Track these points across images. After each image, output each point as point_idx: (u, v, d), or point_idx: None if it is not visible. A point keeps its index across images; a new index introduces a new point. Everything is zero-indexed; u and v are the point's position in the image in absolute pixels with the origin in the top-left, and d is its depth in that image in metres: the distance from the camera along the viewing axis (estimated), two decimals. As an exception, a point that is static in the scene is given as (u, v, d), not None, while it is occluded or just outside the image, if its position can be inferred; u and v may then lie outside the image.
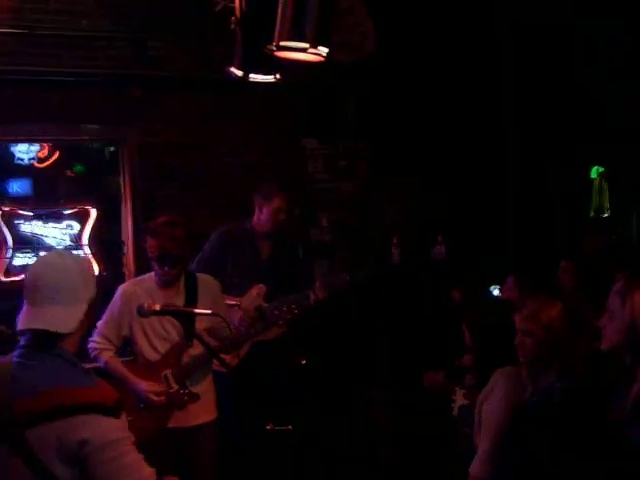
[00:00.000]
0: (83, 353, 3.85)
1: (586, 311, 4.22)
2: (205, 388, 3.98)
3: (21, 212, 5.93)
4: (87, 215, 6.04)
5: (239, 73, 3.78)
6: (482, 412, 3.31)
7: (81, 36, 5.57)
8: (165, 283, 3.90)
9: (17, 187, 6.75)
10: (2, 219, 5.85)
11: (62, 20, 5.49)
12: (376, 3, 4.37)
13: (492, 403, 3.26)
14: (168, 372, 3.85)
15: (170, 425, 3.86)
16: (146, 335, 3.89)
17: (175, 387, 3.85)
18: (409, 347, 5.25)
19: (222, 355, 3.73)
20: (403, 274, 5.90)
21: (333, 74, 5.69)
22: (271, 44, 3.23)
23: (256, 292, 4.52)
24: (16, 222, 5.89)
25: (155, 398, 3.75)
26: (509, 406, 3.15)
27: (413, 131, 6.07)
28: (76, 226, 6.03)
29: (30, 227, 5.94)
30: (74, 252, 5.69)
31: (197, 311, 3.26)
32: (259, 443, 4.41)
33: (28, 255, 5.86)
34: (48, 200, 6.37)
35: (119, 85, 5.72)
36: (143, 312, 3.15)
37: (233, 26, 3.71)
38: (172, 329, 3.87)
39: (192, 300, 3.89)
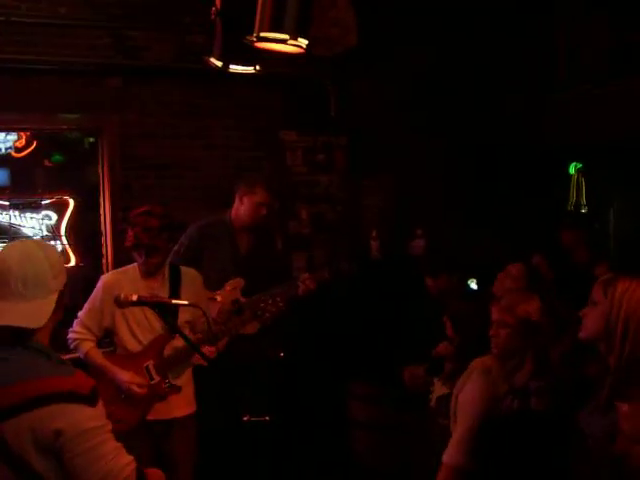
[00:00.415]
0: (63, 343, 3.88)
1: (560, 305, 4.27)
2: (185, 381, 3.98)
3: (-3, 202, 5.89)
4: (65, 205, 6.00)
5: (219, 64, 3.78)
6: (457, 402, 3.34)
7: (60, 24, 5.51)
8: (147, 273, 3.91)
9: (-6, 176, 6.70)
10: (-22, 208, 5.81)
11: (40, 7, 5.44)
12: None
13: (467, 393, 3.28)
14: (150, 363, 3.85)
15: (149, 417, 3.87)
16: (129, 326, 3.89)
17: (157, 379, 3.84)
18: (387, 340, 5.27)
19: (201, 347, 3.77)
20: (382, 267, 5.92)
21: (314, 66, 5.69)
22: (251, 35, 3.23)
23: (233, 286, 4.53)
24: (-7, 212, 5.85)
25: (137, 389, 3.75)
26: (483, 396, 3.18)
27: (393, 124, 6.08)
28: (54, 216, 5.98)
29: (7, 217, 5.90)
30: (49, 242, 5.67)
31: (174, 302, 3.26)
32: (236, 434, 4.42)
33: (4, 245, 5.81)
34: (26, 190, 6.32)
35: (98, 74, 5.69)
36: (120, 302, 3.15)
37: (213, 17, 3.70)
38: (155, 320, 3.86)
39: (175, 291, 3.91)
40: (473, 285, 5.65)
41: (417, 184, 6.17)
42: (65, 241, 5.97)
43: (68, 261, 5.94)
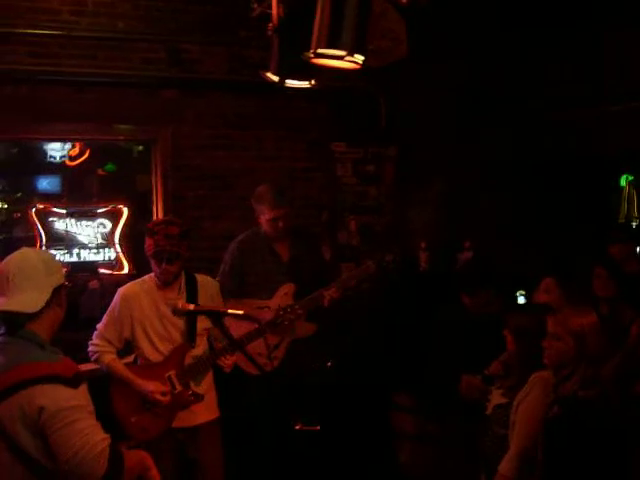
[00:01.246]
0: (84, 355, 3.98)
1: (627, 316, 4.24)
2: (207, 387, 4.02)
3: (55, 210, 6.03)
4: (120, 214, 6.14)
5: (275, 79, 3.83)
6: (517, 413, 3.35)
7: (117, 38, 5.66)
8: (164, 282, 3.95)
9: (48, 184, 6.88)
10: (36, 216, 5.96)
11: (100, 22, 5.59)
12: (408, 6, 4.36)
13: (526, 405, 3.30)
14: (172, 373, 3.90)
15: (174, 425, 3.91)
16: (148, 336, 3.93)
17: (179, 388, 3.89)
18: (432, 351, 5.27)
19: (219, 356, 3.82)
20: (430, 279, 5.92)
21: (364, 78, 5.72)
22: (308, 51, 3.27)
23: (284, 291, 4.57)
24: (50, 219, 6.00)
25: (161, 398, 3.80)
26: (542, 410, 3.19)
27: (442, 135, 6.08)
28: (108, 224, 6.13)
29: (64, 225, 6.05)
30: (104, 249, 5.78)
31: (230, 311, 3.29)
32: (287, 442, 4.45)
33: (61, 252, 5.97)
34: (79, 198, 6.48)
35: (153, 86, 5.80)
36: (177, 311, 3.21)
37: (270, 33, 3.76)
38: (174, 330, 3.92)
39: (192, 300, 3.92)
40: (521, 298, 5.62)
41: (467, 195, 6.15)
42: (119, 249, 6.10)
43: (121, 268, 6.08)
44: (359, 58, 3.24)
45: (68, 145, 6.77)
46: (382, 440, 5.38)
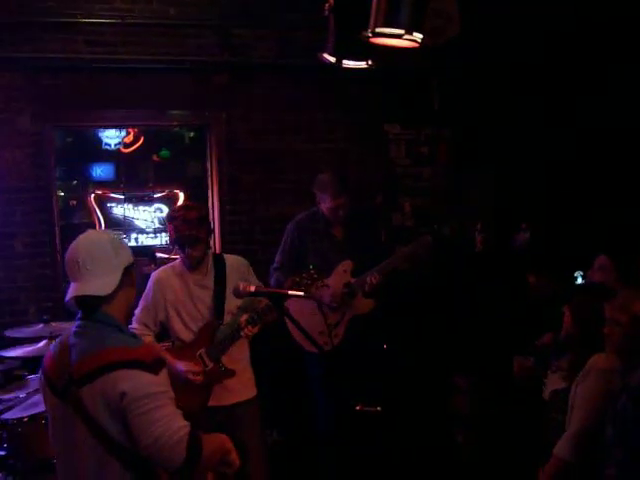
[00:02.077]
0: None
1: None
2: (242, 366, 4.06)
3: (113, 195, 6.14)
4: (176, 198, 6.22)
5: (332, 59, 3.81)
6: (575, 396, 3.30)
7: (170, 24, 5.72)
8: (191, 265, 4.00)
9: (103, 171, 7.00)
10: (95, 202, 6.07)
11: (152, 9, 5.65)
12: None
13: (585, 390, 3.24)
14: (202, 351, 3.94)
15: (210, 404, 3.95)
16: (180, 317, 3.99)
17: (210, 365, 3.93)
18: (494, 334, 5.23)
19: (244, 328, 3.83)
20: (486, 260, 5.86)
21: (417, 58, 5.66)
22: (365, 30, 3.25)
23: (343, 268, 4.59)
24: (108, 205, 6.12)
25: (193, 377, 3.83)
26: (601, 394, 3.14)
27: (498, 115, 6.00)
28: (165, 209, 6.21)
29: (121, 210, 6.15)
30: (161, 234, 5.85)
31: (290, 292, 3.31)
32: (347, 423, 4.47)
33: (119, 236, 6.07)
34: (135, 184, 6.57)
35: (206, 72, 5.85)
36: (239, 293, 3.23)
37: (327, 13, 3.74)
38: (205, 309, 3.97)
39: (221, 280, 3.99)
40: (579, 279, 5.54)
41: (521, 176, 6.07)
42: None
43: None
44: (417, 36, 3.21)
45: (123, 132, 6.87)
46: (440, 422, 5.38)
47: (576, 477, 3.20)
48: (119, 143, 6.96)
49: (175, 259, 5.88)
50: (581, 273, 5.51)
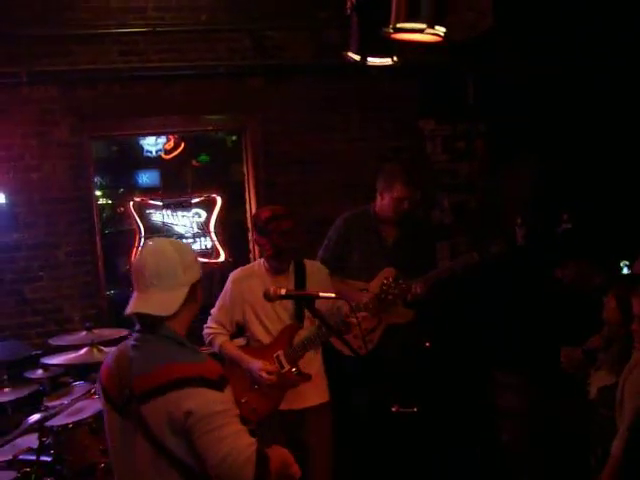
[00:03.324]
0: (199, 339, 4.08)
1: None
2: (316, 370, 4.03)
3: (151, 202, 6.21)
4: (214, 203, 6.25)
5: (356, 57, 3.78)
6: (624, 391, 3.22)
7: (201, 30, 5.76)
8: (277, 272, 3.98)
9: (146, 178, 7.08)
10: (134, 209, 6.14)
11: (183, 16, 5.71)
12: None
13: (632, 382, 3.17)
14: (280, 353, 3.92)
15: (283, 407, 3.93)
16: (259, 319, 3.98)
17: (287, 367, 3.91)
18: (539, 328, 5.14)
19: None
20: (530, 254, 5.76)
21: (451, 53, 5.60)
22: (387, 27, 3.22)
23: (385, 275, 4.46)
24: (147, 212, 6.19)
25: (266, 376, 3.82)
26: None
27: (533, 110, 5.88)
28: (203, 214, 6.25)
29: (160, 216, 6.21)
30: (200, 239, 5.92)
31: (322, 294, 3.28)
32: (385, 424, 4.43)
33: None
34: (175, 190, 6.63)
35: (239, 75, 5.87)
36: (270, 296, 3.22)
37: (349, 11, 3.72)
38: (284, 312, 3.95)
39: (301, 285, 3.95)
40: (626, 269, 5.41)
41: (560, 168, 5.95)
42: (214, 237, 6.22)
43: (217, 256, 6.20)
44: (440, 30, 3.16)
45: (163, 139, 6.94)
46: (484, 418, 5.31)
47: (634, 473, 3.13)
48: (160, 150, 7.02)
49: (215, 263, 5.98)
50: (627, 263, 5.39)
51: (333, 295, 3.39)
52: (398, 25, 3.16)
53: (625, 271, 5.38)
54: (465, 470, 4.94)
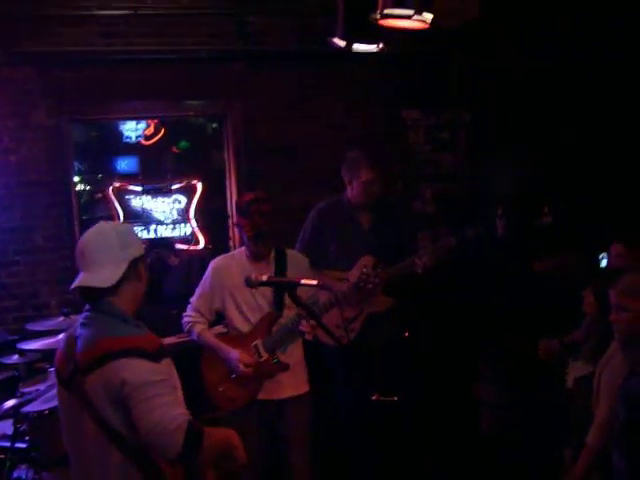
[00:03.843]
0: (178, 327, 4.11)
1: None
2: (296, 360, 4.00)
3: (131, 187, 6.15)
4: (194, 189, 6.22)
5: (342, 44, 3.75)
6: (600, 381, 3.24)
7: (183, 14, 5.68)
8: (256, 257, 3.95)
9: (126, 164, 7.02)
10: (114, 194, 6.09)
11: None
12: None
13: (608, 373, 3.19)
14: (258, 342, 3.89)
15: (260, 397, 3.90)
16: (238, 307, 3.95)
17: (265, 356, 3.88)
18: (519, 320, 5.16)
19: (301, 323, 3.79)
20: (508, 246, 5.78)
21: (434, 42, 5.58)
22: (375, 13, 3.19)
23: (364, 263, 4.43)
24: (127, 197, 6.13)
25: (243, 369, 3.80)
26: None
27: (517, 99, 5.88)
28: (183, 200, 6.22)
29: (140, 202, 6.16)
30: (180, 225, 5.86)
31: (303, 282, 3.24)
32: (365, 413, 4.43)
33: (139, 229, 6.09)
34: (155, 176, 6.58)
35: (222, 61, 5.81)
36: (250, 282, 3.20)
37: (336, -4, 3.68)
38: (264, 300, 3.92)
39: (281, 273, 3.93)
40: (604, 261, 5.44)
41: (543, 160, 5.96)
42: (194, 224, 6.17)
43: (197, 243, 6.16)
44: (427, 17, 3.15)
45: (143, 125, 6.88)
46: (464, 410, 5.33)
47: (609, 463, 3.15)
48: (140, 136, 6.96)
49: (194, 250, 5.93)
50: (606, 255, 5.42)
51: (315, 282, 3.35)
52: (385, 11, 3.14)
53: (604, 264, 5.42)
54: (445, 460, 4.96)
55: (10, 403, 4.07)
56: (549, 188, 5.90)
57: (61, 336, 4.32)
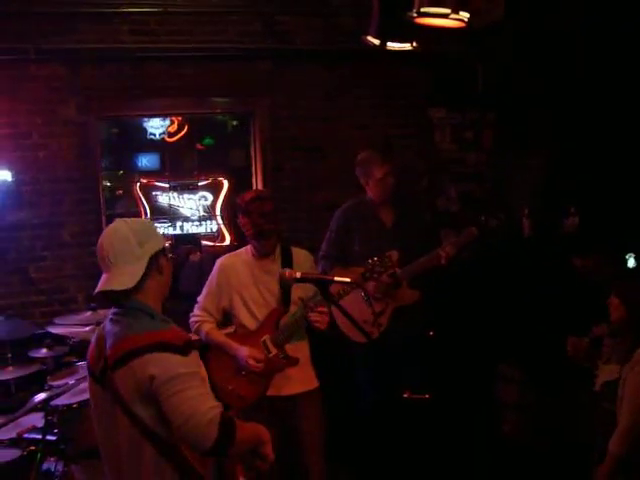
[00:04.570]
0: (186, 326, 3.95)
1: None
2: (303, 355, 3.98)
3: (158, 184, 6.18)
4: (220, 186, 6.24)
5: (376, 42, 3.76)
6: (624, 388, 3.23)
7: (212, 12, 5.71)
8: (262, 255, 3.94)
9: (148, 161, 7.06)
10: (140, 190, 6.11)
11: (194, -3, 5.65)
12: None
13: (633, 379, 3.17)
14: (267, 337, 3.87)
15: (270, 393, 3.88)
16: (245, 304, 3.93)
17: (274, 351, 3.86)
18: (543, 320, 5.14)
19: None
20: (534, 246, 5.76)
21: (461, 41, 5.58)
22: (411, 11, 3.20)
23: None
24: (153, 193, 6.16)
25: (254, 364, 3.78)
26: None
27: (545, 99, 5.87)
28: (210, 197, 6.23)
29: (167, 198, 6.19)
30: (206, 221, 5.88)
31: (337, 279, 3.25)
32: (393, 411, 4.43)
33: (165, 225, 6.12)
34: (178, 173, 6.61)
35: (249, 59, 5.83)
36: (285, 279, 3.20)
37: (371, -6, 3.69)
38: (271, 297, 3.90)
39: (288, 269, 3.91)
40: (631, 262, 5.41)
41: (570, 160, 5.94)
42: (220, 221, 6.19)
43: (223, 240, 6.18)
44: (464, 15, 3.15)
45: (167, 122, 6.90)
46: (486, 410, 5.31)
47: (632, 471, 3.14)
48: (163, 132, 6.99)
49: (220, 246, 5.95)
50: (633, 255, 5.40)
51: (348, 280, 3.37)
52: (422, 9, 3.14)
53: (631, 263, 5.39)
54: (466, 461, 4.95)
55: (41, 396, 4.08)
56: (575, 188, 5.89)
57: (88, 328, 4.39)
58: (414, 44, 3.75)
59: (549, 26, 5.77)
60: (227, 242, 6.16)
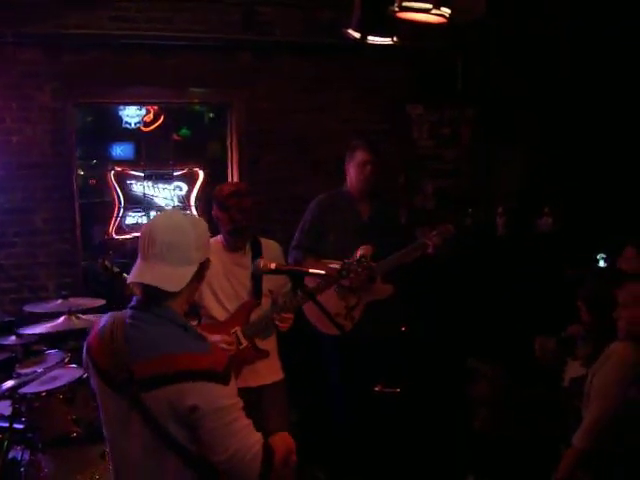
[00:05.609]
0: None
1: None
2: (272, 348, 3.97)
3: (132, 172, 6.13)
4: (195, 177, 6.20)
5: (357, 35, 3.75)
6: (592, 384, 3.27)
7: (192, 1, 5.66)
8: (234, 248, 3.90)
9: (122, 150, 6.99)
10: (115, 179, 6.06)
11: (176, -15, 5.60)
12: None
13: (602, 378, 3.21)
14: (238, 329, 3.84)
15: (239, 385, 3.87)
16: (215, 296, 3.89)
17: (245, 343, 3.83)
18: (515, 318, 5.18)
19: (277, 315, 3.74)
20: (507, 244, 5.81)
21: (442, 38, 5.59)
22: (393, 5, 3.19)
23: (362, 252, 4.37)
24: (128, 182, 6.11)
25: (227, 347, 3.69)
26: (618, 382, 3.13)
27: (524, 99, 5.91)
28: (184, 187, 6.20)
29: (141, 187, 6.14)
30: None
31: (311, 271, 3.24)
32: (365, 404, 4.44)
33: (139, 214, 6.08)
34: (155, 162, 6.56)
35: (229, 50, 5.80)
36: (259, 269, 3.18)
37: (353, -12, 3.68)
38: (242, 289, 3.88)
39: None
40: (602, 262, 5.48)
41: (546, 159, 5.99)
42: (195, 211, 6.16)
43: (197, 231, 6.13)
44: (446, 11, 3.16)
45: (143, 111, 6.84)
46: (458, 405, 5.34)
47: (594, 465, 3.18)
48: (139, 122, 6.93)
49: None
50: (603, 256, 5.47)
51: (322, 272, 3.37)
52: (404, 4, 3.14)
53: (602, 263, 5.46)
54: (436, 455, 4.97)
55: (8, 384, 4.03)
56: (551, 188, 5.95)
57: (61, 319, 4.32)
58: (395, 39, 3.74)
59: (533, 25, 5.82)
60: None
